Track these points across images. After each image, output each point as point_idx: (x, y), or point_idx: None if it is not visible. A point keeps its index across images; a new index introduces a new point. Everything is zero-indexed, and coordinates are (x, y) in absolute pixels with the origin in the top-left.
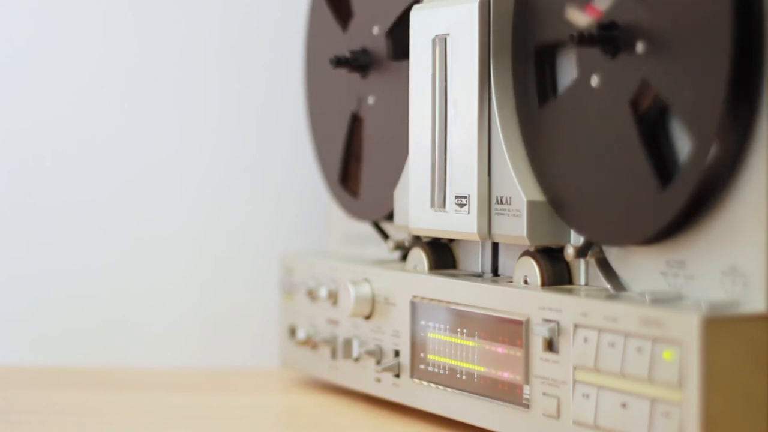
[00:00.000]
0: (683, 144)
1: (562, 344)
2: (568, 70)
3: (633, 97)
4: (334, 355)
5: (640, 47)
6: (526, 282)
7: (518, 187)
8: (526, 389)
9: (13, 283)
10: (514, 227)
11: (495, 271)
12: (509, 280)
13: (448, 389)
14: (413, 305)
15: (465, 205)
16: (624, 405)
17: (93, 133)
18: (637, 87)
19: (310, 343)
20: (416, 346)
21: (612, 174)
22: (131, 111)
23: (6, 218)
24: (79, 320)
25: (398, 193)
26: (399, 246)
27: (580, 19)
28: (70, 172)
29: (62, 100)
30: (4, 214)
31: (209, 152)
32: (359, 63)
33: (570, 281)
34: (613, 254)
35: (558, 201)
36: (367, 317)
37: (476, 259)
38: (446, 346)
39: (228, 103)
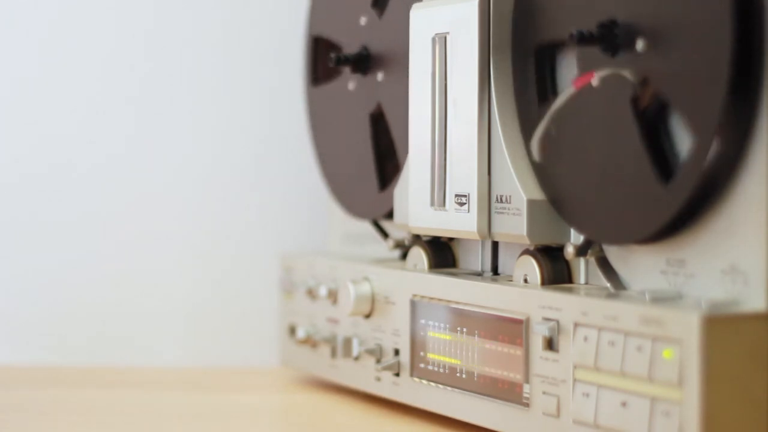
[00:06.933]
0: (683, 142)
1: (562, 343)
2: (568, 69)
3: (633, 95)
4: (333, 354)
5: (639, 45)
6: (526, 281)
7: (518, 186)
8: (526, 388)
9: (14, 283)
10: (514, 226)
11: (495, 270)
12: (509, 279)
13: (448, 388)
14: (413, 304)
15: (465, 203)
16: (624, 404)
17: (93, 133)
18: (637, 85)
19: (309, 342)
20: (416, 344)
21: (612, 172)
22: (131, 111)
23: (6, 218)
24: (80, 320)
25: (398, 192)
26: (399, 245)
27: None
28: (69, 171)
29: (69, 108)
30: (5, 213)
31: (210, 153)
32: (360, 60)
33: (570, 280)
34: (613, 253)
35: (558, 199)
36: (367, 316)
37: (476, 258)
38: (446, 345)
39: (228, 103)
